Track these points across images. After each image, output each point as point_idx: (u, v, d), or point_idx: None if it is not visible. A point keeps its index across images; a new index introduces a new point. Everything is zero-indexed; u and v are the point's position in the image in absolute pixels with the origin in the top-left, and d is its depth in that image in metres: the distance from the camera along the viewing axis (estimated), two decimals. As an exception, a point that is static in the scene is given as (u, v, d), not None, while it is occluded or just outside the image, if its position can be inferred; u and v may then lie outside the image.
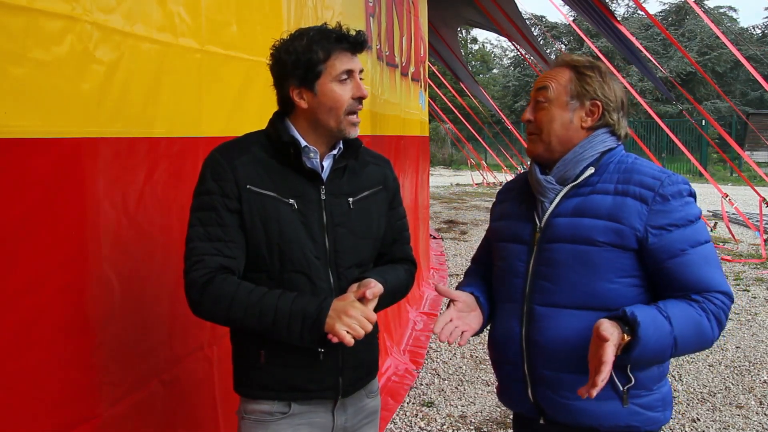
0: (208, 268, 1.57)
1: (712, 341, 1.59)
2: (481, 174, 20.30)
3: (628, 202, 1.59)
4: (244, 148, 1.66)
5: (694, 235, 1.59)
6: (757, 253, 8.66)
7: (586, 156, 1.67)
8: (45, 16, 1.53)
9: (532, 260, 1.68)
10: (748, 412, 3.96)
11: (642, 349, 1.49)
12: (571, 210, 1.65)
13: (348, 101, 1.63)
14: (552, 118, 1.67)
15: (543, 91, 1.69)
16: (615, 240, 1.59)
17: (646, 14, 12.51)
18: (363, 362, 1.77)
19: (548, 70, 1.76)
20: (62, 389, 1.62)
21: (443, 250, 8.91)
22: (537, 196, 1.71)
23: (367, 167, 1.79)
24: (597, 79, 1.68)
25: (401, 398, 4.07)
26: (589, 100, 1.67)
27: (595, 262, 1.60)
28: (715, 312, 1.56)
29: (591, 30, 20.90)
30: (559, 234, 1.65)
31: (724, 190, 9.85)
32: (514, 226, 1.76)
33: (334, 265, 1.67)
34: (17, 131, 1.47)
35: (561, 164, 1.68)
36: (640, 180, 1.62)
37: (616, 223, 1.59)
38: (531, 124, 1.71)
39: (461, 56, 16.80)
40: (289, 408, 1.69)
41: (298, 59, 1.61)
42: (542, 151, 1.70)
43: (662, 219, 1.58)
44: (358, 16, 4.03)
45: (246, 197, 1.61)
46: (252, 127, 1.75)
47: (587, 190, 1.66)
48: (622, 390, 1.62)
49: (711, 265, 1.60)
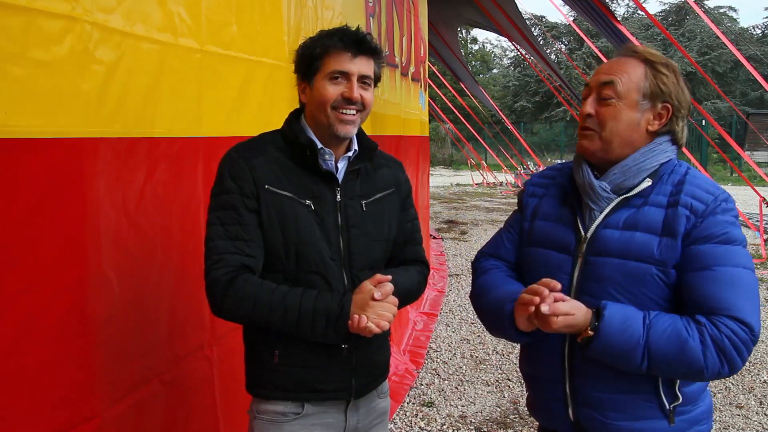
0: (230, 267, 1.57)
1: (703, 369, 1.41)
2: (481, 174, 20.30)
3: (679, 212, 1.48)
4: (260, 148, 1.66)
5: (728, 255, 1.45)
6: (757, 253, 8.65)
7: (647, 166, 1.53)
8: (45, 16, 1.53)
9: (577, 273, 1.55)
10: (748, 412, 3.96)
11: (600, 345, 1.43)
12: (622, 223, 1.52)
13: (334, 98, 1.62)
14: (618, 117, 1.52)
15: (610, 86, 1.53)
16: (669, 257, 1.47)
17: (646, 14, 12.50)
18: (376, 363, 1.78)
19: (616, 58, 1.58)
20: (62, 389, 1.62)
21: (443, 250, 8.90)
22: (586, 202, 1.57)
23: (381, 170, 1.79)
24: (672, 79, 1.53)
25: (401, 398, 4.07)
26: (661, 102, 1.53)
27: (645, 281, 1.48)
28: (716, 338, 1.39)
29: (591, 30, 20.90)
30: (608, 248, 1.51)
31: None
32: (556, 231, 1.61)
33: (348, 267, 1.68)
34: (17, 131, 1.47)
35: (619, 171, 1.54)
36: (693, 192, 1.50)
37: (670, 238, 1.47)
38: (591, 119, 1.55)
39: (461, 56, 16.79)
40: (302, 408, 1.70)
41: (302, 54, 1.67)
42: (598, 149, 1.55)
43: (703, 231, 1.46)
44: (358, 16, 4.03)
45: (264, 197, 1.61)
46: (252, 127, 1.75)
47: (640, 202, 1.53)
48: (669, 408, 1.54)
49: (737, 288, 1.42)
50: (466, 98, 19.84)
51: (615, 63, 1.57)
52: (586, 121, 1.56)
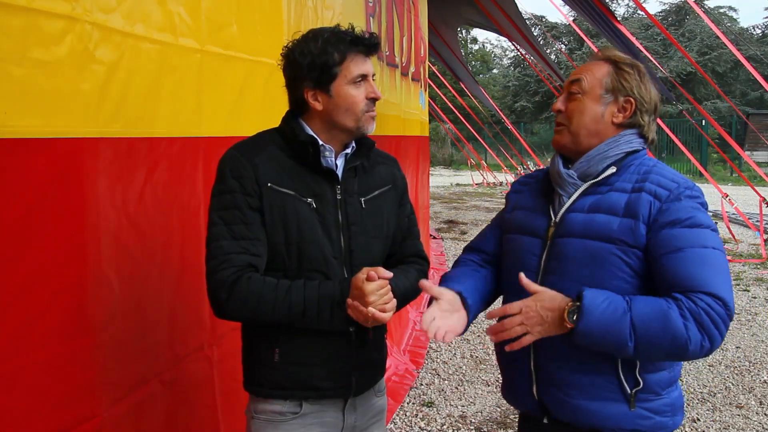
0: (235, 267, 1.57)
1: (686, 343, 1.44)
2: (481, 174, 20.30)
3: (643, 197, 1.57)
4: (261, 147, 1.66)
5: (697, 237, 1.52)
6: (757, 253, 8.66)
7: (610, 154, 1.64)
8: (45, 16, 1.53)
9: (545, 255, 1.66)
10: (748, 412, 3.96)
11: (588, 320, 1.45)
12: (587, 207, 1.63)
13: (363, 101, 1.65)
14: (583, 110, 1.65)
15: (577, 83, 1.66)
16: (628, 237, 1.55)
17: (646, 14, 12.51)
18: (374, 361, 1.79)
19: (586, 62, 1.73)
20: (62, 389, 1.62)
21: (443, 250, 8.91)
22: (556, 189, 1.69)
23: (377, 167, 1.80)
24: (635, 77, 1.65)
25: (401, 398, 4.07)
26: (623, 97, 1.64)
27: (605, 259, 1.56)
28: (693, 312, 1.43)
29: (591, 30, 20.90)
30: (572, 229, 1.62)
31: (724, 190, 9.83)
32: (529, 218, 1.73)
33: (348, 264, 1.69)
34: (17, 131, 1.47)
35: (584, 160, 1.65)
36: (658, 180, 1.59)
37: (631, 219, 1.56)
38: (561, 114, 1.69)
39: (461, 56, 16.80)
40: (300, 408, 1.70)
41: (313, 61, 1.61)
42: (568, 142, 1.67)
43: (669, 216, 1.54)
44: (358, 16, 4.03)
45: (266, 195, 1.61)
46: (252, 127, 1.75)
47: (605, 189, 1.63)
48: (630, 393, 1.59)
49: (708, 267, 1.49)
50: (466, 98, 19.83)
51: (584, 65, 1.73)
52: (558, 117, 1.71)
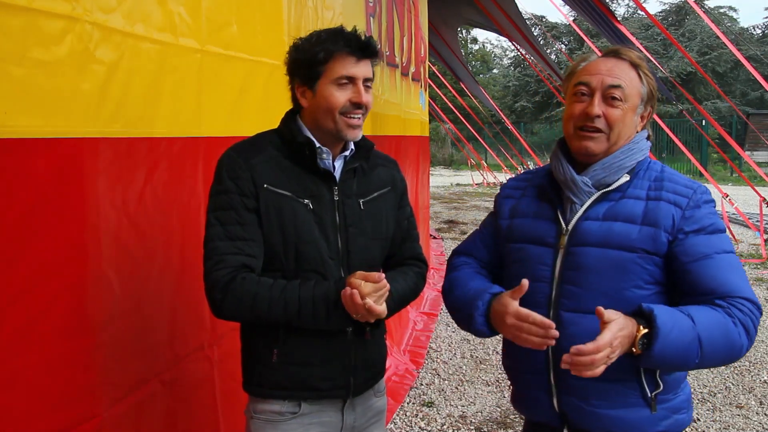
0: (230, 267, 1.58)
1: (741, 349, 1.49)
2: (482, 174, 20.29)
3: (662, 206, 1.55)
4: (259, 148, 1.66)
5: (720, 243, 1.55)
6: (757, 253, 8.66)
7: (626, 164, 1.61)
8: (45, 16, 1.53)
9: (558, 264, 1.60)
10: (748, 412, 3.96)
11: (663, 343, 1.41)
12: (602, 215, 1.59)
13: (343, 104, 1.61)
14: (625, 120, 1.58)
15: (619, 89, 1.57)
16: (649, 245, 1.54)
17: (646, 14, 12.51)
18: (373, 361, 1.79)
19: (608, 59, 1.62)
20: (62, 389, 1.62)
21: (443, 250, 8.90)
22: (568, 196, 1.63)
23: (377, 168, 1.80)
24: (654, 83, 1.61)
25: (401, 398, 4.07)
26: (650, 105, 1.61)
27: (626, 268, 1.54)
28: (742, 319, 1.48)
29: (591, 30, 20.90)
30: (589, 238, 1.58)
31: (724, 190, 9.83)
32: (534, 226, 1.67)
33: (346, 266, 1.68)
34: (17, 131, 1.47)
35: (599, 168, 1.60)
36: (673, 188, 1.59)
37: (651, 227, 1.54)
38: (599, 120, 1.58)
39: (461, 56, 16.79)
40: (299, 408, 1.70)
41: (302, 58, 1.63)
42: (603, 151, 1.60)
43: (693, 224, 1.54)
44: (358, 16, 4.03)
45: (263, 196, 1.61)
46: (252, 127, 1.75)
47: (618, 196, 1.60)
48: (651, 396, 1.58)
49: (737, 272, 1.53)
50: (466, 98, 19.83)
51: (614, 66, 1.60)
52: (594, 122, 1.58)
